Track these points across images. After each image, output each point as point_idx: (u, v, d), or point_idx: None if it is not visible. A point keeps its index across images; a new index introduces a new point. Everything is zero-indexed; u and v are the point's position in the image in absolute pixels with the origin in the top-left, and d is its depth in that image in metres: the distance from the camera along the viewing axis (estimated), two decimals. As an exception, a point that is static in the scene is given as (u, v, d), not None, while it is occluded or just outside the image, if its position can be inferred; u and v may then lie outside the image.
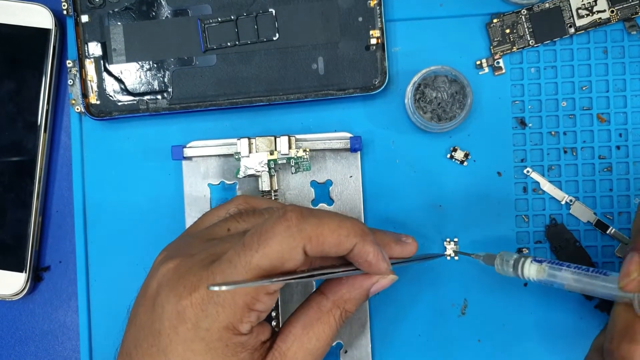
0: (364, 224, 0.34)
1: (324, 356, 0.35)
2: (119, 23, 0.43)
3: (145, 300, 0.34)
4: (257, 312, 0.32)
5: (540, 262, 0.38)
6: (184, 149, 0.43)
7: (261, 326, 0.34)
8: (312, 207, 0.43)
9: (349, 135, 0.43)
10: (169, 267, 0.33)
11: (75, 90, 0.44)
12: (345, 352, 0.43)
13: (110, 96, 0.44)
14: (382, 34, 0.43)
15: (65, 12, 0.43)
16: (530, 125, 0.43)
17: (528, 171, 0.43)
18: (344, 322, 0.36)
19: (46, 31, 0.44)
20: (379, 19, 0.43)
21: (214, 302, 0.31)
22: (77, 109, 0.44)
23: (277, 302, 0.42)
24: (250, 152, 0.42)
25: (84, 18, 0.43)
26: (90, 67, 0.43)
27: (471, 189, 0.43)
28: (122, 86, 0.43)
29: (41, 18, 0.44)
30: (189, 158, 0.43)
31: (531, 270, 0.38)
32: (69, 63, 0.44)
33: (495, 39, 0.43)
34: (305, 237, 0.31)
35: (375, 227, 0.43)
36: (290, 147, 0.42)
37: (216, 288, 0.28)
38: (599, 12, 0.43)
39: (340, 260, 0.35)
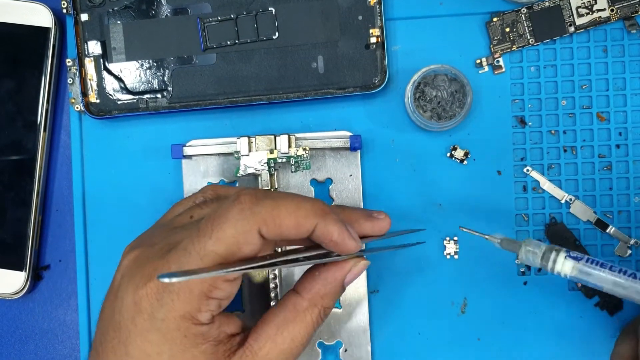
0: (326, 203, 0.33)
1: (299, 355, 0.34)
2: (119, 22, 0.43)
3: (109, 293, 0.33)
4: (217, 300, 0.31)
5: (576, 258, 0.35)
6: (184, 148, 0.43)
7: (227, 318, 0.33)
8: (271, 190, 0.42)
9: (349, 134, 0.43)
10: (130, 258, 0.33)
11: (75, 89, 0.44)
12: (345, 350, 0.43)
13: (110, 95, 0.44)
14: (382, 32, 0.43)
15: (65, 10, 0.43)
16: (530, 124, 0.43)
17: (528, 170, 0.43)
18: (324, 320, 0.35)
19: (46, 30, 0.44)
20: (379, 18, 0.43)
21: (169, 291, 0.30)
22: (77, 107, 0.44)
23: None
24: (250, 150, 0.42)
25: (84, 17, 0.43)
26: (90, 65, 0.43)
27: (471, 187, 0.43)
28: (122, 85, 0.43)
29: (41, 17, 0.44)
30: (189, 157, 0.43)
31: (565, 267, 0.36)
32: (69, 62, 0.44)
33: (495, 38, 0.43)
34: (259, 220, 0.30)
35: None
36: (290, 146, 0.42)
37: (166, 280, 0.27)
38: (599, 10, 0.43)
39: (309, 244, 0.34)
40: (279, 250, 0.40)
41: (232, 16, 0.43)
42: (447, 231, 0.43)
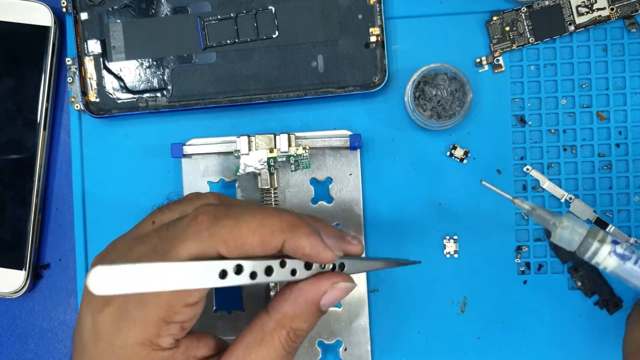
0: (297, 214, 0.31)
1: None
2: (118, 20, 0.43)
3: (79, 310, 0.32)
4: (178, 324, 0.30)
5: (623, 257, 0.31)
6: (184, 147, 0.43)
7: (197, 340, 0.31)
8: (235, 205, 0.38)
9: (349, 133, 0.43)
10: None
11: (74, 88, 0.44)
12: (345, 349, 0.43)
13: (110, 94, 0.43)
14: (382, 31, 0.42)
15: (64, 9, 0.43)
16: (529, 123, 0.43)
17: (528, 169, 0.43)
18: (297, 343, 0.32)
19: (45, 29, 0.44)
20: (379, 17, 0.43)
21: (124, 319, 0.29)
22: (77, 106, 0.44)
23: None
24: (250, 149, 0.42)
25: (84, 15, 0.43)
26: (89, 64, 0.43)
27: (471, 186, 0.43)
28: (122, 84, 0.43)
29: (41, 15, 0.44)
30: (189, 156, 0.43)
31: (607, 262, 0.31)
32: (69, 61, 0.44)
33: (495, 37, 0.43)
34: (218, 242, 0.29)
35: (368, 227, 0.43)
36: (289, 145, 0.42)
37: (94, 276, 0.25)
38: (598, 9, 0.43)
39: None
40: None
41: (231, 15, 0.43)
42: (446, 230, 0.43)
